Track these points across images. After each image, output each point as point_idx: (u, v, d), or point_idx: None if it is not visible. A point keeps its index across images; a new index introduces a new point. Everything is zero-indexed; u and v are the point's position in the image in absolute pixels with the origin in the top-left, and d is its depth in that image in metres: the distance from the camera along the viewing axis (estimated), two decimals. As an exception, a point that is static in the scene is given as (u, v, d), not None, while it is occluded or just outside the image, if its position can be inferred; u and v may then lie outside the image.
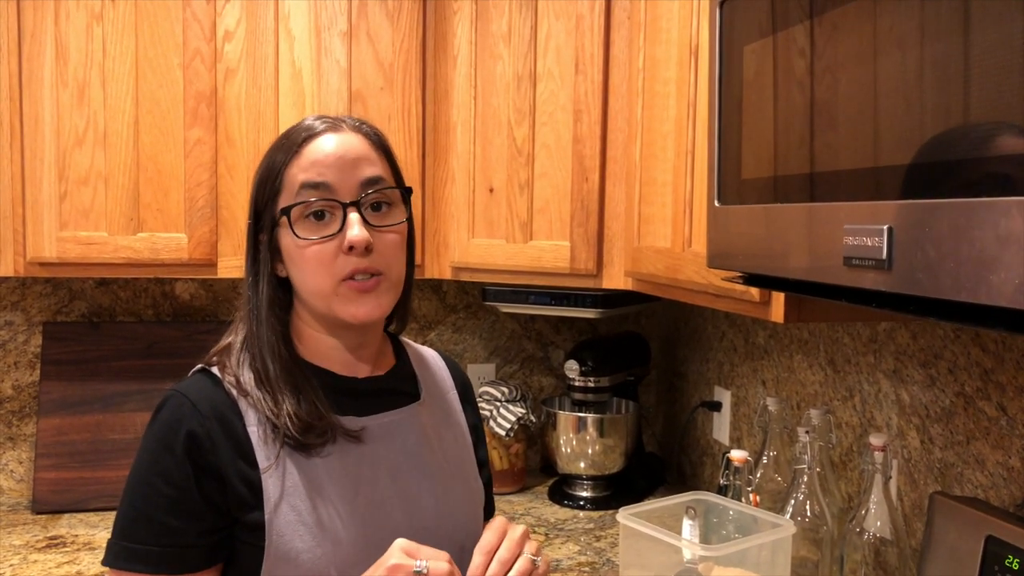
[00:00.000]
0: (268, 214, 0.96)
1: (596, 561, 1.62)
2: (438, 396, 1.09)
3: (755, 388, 1.78)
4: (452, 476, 1.04)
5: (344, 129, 0.97)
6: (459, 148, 1.80)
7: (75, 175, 1.67)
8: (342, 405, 0.96)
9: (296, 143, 0.95)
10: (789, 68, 0.86)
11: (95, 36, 1.66)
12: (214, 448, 0.89)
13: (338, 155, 0.94)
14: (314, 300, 0.95)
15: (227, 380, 0.93)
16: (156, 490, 0.89)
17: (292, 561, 0.89)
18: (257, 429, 0.91)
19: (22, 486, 1.93)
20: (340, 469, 0.94)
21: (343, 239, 0.92)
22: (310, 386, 0.94)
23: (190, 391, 0.93)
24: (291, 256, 0.95)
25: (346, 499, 0.93)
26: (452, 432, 1.08)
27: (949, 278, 0.62)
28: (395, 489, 0.97)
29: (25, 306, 1.94)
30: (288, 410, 0.91)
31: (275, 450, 0.91)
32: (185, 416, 0.90)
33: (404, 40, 1.80)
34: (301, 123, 0.99)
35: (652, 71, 1.53)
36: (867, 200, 0.72)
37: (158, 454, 0.90)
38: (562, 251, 1.71)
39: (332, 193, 0.93)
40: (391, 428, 0.99)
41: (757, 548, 1.17)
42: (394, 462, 0.98)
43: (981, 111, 0.61)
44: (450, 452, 1.06)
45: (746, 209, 0.94)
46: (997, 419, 1.13)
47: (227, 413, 0.92)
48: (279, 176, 0.94)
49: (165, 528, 0.88)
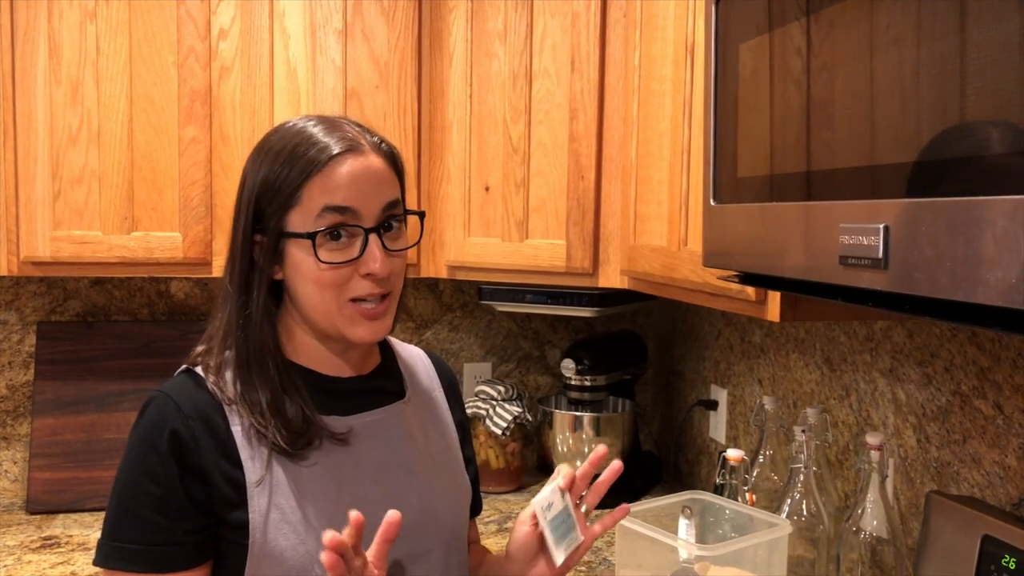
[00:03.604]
0: (273, 221, 0.93)
1: (592, 560, 1.62)
2: (424, 394, 1.09)
3: (751, 387, 1.78)
4: (437, 474, 1.04)
5: (367, 151, 0.94)
6: (455, 147, 1.80)
7: (69, 174, 1.66)
8: (327, 404, 0.96)
9: (319, 161, 0.91)
10: (785, 66, 0.85)
11: (88, 34, 1.66)
12: (197, 448, 0.90)
13: (364, 180, 0.93)
14: (317, 315, 0.95)
15: (210, 380, 0.93)
16: (142, 489, 0.89)
17: (276, 559, 0.89)
18: (241, 429, 0.91)
19: (16, 486, 1.93)
20: (325, 468, 0.94)
21: (361, 264, 0.92)
22: (296, 389, 0.94)
23: (174, 391, 0.93)
24: (300, 271, 0.93)
25: (330, 497, 0.93)
26: (438, 430, 1.08)
27: (945, 277, 0.62)
28: (380, 487, 0.97)
29: (19, 305, 1.94)
30: (276, 421, 0.91)
31: (260, 452, 0.91)
32: (169, 416, 0.90)
33: (399, 38, 1.79)
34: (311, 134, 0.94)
35: (648, 69, 1.53)
36: (863, 199, 0.72)
37: (143, 453, 0.90)
38: (558, 250, 1.70)
39: (356, 219, 0.92)
40: (376, 427, 0.99)
41: (753, 547, 1.17)
42: (379, 461, 0.98)
43: (977, 109, 0.61)
44: (436, 450, 1.06)
45: (742, 208, 0.94)
46: (993, 418, 1.13)
47: (211, 413, 0.91)
48: (297, 191, 0.91)
49: (153, 527, 0.89)
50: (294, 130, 0.96)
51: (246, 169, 0.97)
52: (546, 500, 0.94)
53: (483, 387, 2.03)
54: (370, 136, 0.97)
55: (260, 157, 0.96)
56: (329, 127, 0.95)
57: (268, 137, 0.98)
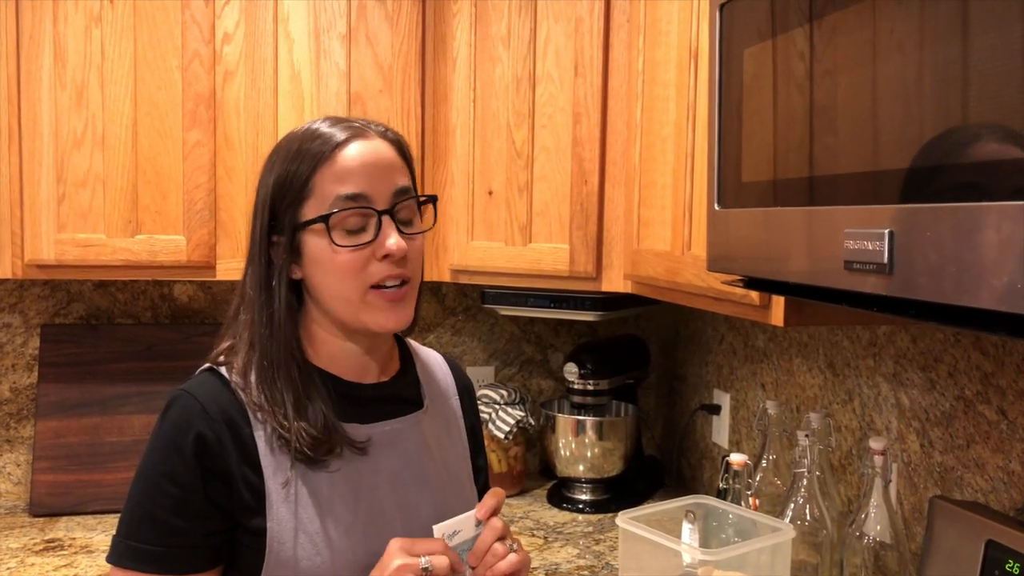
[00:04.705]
0: (288, 217, 0.94)
1: (595, 565, 1.62)
2: (441, 403, 1.09)
3: (754, 391, 1.78)
4: (450, 484, 1.04)
5: (371, 135, 0.96)
6: (458, 151, 1.80)
7: (73, 177, 1.67)
8: (347, 412, 0.96)
9: (325, 150, 0.93)
10: (789, 71, 0.85)
11: (93, 38, 1.66)
12: (222, 452, 0.89)
13: (371, 163, 0.94)
14: (339, 306, 0.95)
15: (234, 381, 0.93)
16: (162, 491, 0.89)
17: (292, 568, 0.89)
18: (264, 435, 0.91)
19: (19, 488, 1.93)
20: (343, 478, 0.94)
21: (378, 247, 0.92)
22: (320, 396, 0.94)
23: (199, 392, 0.92)
24: (318, 262, 0.93)
25: (348, 508, 0.93)
26: (451, 440, 1.08)
27: (950, 282, 0.62)
28: (395, 498, 0.97)
29: (23, 308, 1.94)
30: (299, 425, 0.90)
31: (281, 460, 0.91)
32: (195, 418, 0.90)
33: (403, 42, 1.80)
34: (316, 129, 0.96)
35: (652, 74, 1.53)
36: (867, 204, 0.72)
37: (166, 455, 0.90)
38: (561, 254, 1.71)
39: (369, 202, 0.93)
40: (394, 436, 0.99)
41: (757, 552, 1.17)
42: (395, 471, 0.98)
43: (981, 114, 0.61)
44: (449, 460, 1.06)
45: (746, 212, 0.94)
46: (997, 423, 1.13)
47: (235, 416, 0.91)
48: (307, 182, 0.92)
49: (170, 528, 0.88)
50: (301, 130, 0.98)
51: (261, 178, 0.98)
52: (451, 527, 0.93)
53: (486, 391, 2.03)
54: (375, 125, 0.98)
55: (272, 162, 0.97)
56: (334, 121, 0.97)
57: (278, 144, 0.99)
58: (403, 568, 0.85)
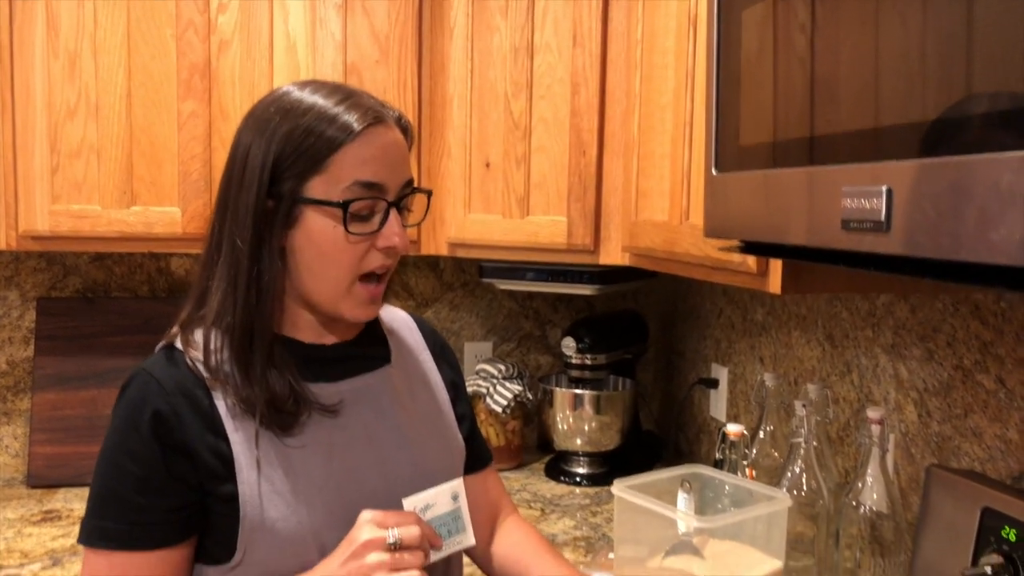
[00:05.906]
0: (290, 185, 0.90)
1: (592, 536, 1.62)
2: (409, 357, 1.09)
3: (753, 365, 1.77)
4: (429, 436, 1.04)
5: (390, 123, 0.94)
6: (455, 122, 1.78)
7: (67, 148, 1.65)
8: (312, 372, 0.95)
9: (352, 131, 0.90)
10: (788, 30, 0.84)
11: (86, 6, 1.64)
12: (181, 425, 0.89)
13: (392, 155, 0.93)
14: (321, 287, 0.93)
15: (190, 355, 0.91)
16: (124, 469, 0.88)
17: (268, 530, 0.89)
18: (225, 401, 0.90)
19: (17, 461, 1.93)
20: (314, 438, 0.93)
21: (381, 237, 0.93)
22: (285, 362, 0.93)
23: (155, 368, 0.91)
24: (316, 241, 0.91)
25: (321, 465, 0.93)
26: (428, 392, 1.08)
27: (948, 237, 0.61)
28: (371, 453, 0.96)
29: (19, 281, 1.93)
30: (266, 392, 0.90)
31: (249, 426, 0.90)
32: (150, 395, 0.89)
33: (400, 12, 1.77)
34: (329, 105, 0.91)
35: (650, 42, 1.51)
36: (866, 161, 0.71)
37: (125, 434, 0.89)
38: (559, 226, 1.69)
39: (383, 192, 0.92)
40: (363, 392, 0.99)
41: (753, 520, 1.17)
42: (369, 426, 0.98)
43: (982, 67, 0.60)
44: (426, 412, 1.06)
45: (744, 176, 0.93)
46: (995, 392, 1.12)
47: (193, 388, 0.90)
48: (326, 158, 0.89)
49: (135, 506, 0.88)
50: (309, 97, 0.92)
51: (248, 133, 0.93)
52: (422, 500, 0.93)
53: (484, 365, 2.03)
54: (390, 111, 0.97)
55: (269, 121, 0.91)
56: (344, 95, 0.93)
57: (276, 101, 0.93)
58: (369, 544, 0.85)
